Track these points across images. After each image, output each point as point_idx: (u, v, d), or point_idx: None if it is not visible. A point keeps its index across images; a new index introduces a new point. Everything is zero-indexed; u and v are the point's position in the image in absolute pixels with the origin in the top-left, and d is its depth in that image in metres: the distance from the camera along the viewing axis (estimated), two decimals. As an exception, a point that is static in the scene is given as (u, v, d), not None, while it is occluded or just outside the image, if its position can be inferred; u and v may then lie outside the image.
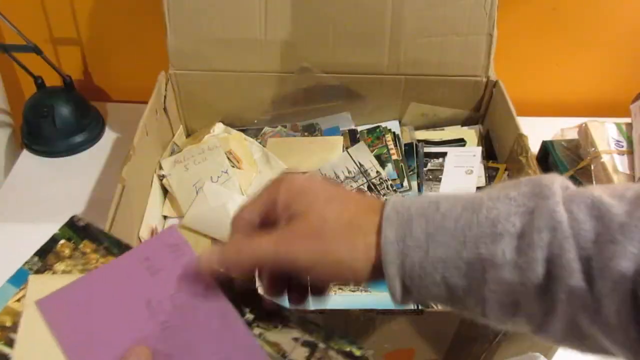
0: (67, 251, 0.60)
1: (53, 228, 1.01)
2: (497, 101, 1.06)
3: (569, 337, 0.45)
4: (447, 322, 0.71)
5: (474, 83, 1.08)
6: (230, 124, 1.15)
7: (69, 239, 0.61)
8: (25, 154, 1.20)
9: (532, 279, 0.43)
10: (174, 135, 1.10)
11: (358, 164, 0.92)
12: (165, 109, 1.05)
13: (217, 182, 1.00)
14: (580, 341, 0.45)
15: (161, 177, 1.01)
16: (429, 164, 1.05)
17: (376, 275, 0.48)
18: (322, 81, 1.09)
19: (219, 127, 1.12)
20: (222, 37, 1.05)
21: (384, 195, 0.95)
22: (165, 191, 1.03)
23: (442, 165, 1.05)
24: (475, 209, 0.46)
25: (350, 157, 0.94)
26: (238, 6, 1.03)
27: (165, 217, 1.00)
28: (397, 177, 1.00)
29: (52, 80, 1.21)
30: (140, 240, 0.91)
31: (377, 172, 0.90)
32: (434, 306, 0.85)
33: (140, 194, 0.94)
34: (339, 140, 1.10)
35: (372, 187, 0.93)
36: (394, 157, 1.03)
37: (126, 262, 0.56)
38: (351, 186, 0.91)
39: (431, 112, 1.14)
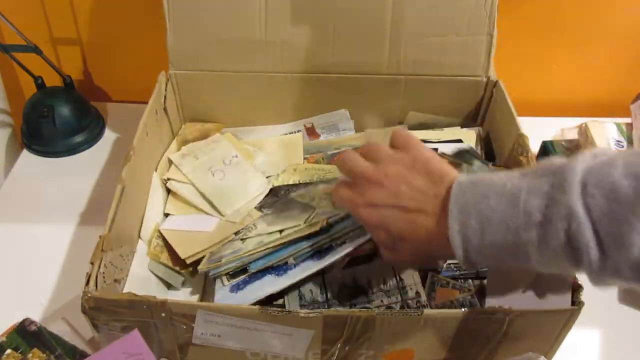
0: None
1: (53, 228, 1.03)
2: (497, 101, 1.06)
3: (600, 285, 0.58)
4: (447, 322, 0.71)
5: (474, 83, 1.08)
6: (230, 123, 1.16)
7: (16, 349, 0.56)
8: (25, 154, 1.20)
9: (558, 255, 0.57)
10: (174, 136, 1.10)
11: (398, 278, 0.89)
12: (165, 109, 1.05)
13: (230, 164, 1.02)
14: (608, 286, 0.58)
15: (165, 181, 1.01)
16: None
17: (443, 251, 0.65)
18: (322, 81, 1.09)
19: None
20: (222, 37, 1.05)
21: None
22: (167, 191, 1.02)
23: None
24: (515, 202, 0.58)
25: (392, 268, 0.87)
26: (238, 6, 1.03)
27: (166, 215, 1.00)
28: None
29: (52, 80, 1.21)
30: (141, 239, 0.91)
31: (417, 292, 0.84)
32: (432, 306, 0.86)
33: (140, 194, 0.94)
34: (298, 138, 1.12)
35: (405, 306, 0.88)
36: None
37: None
38: (381, 301, 0.87)
39: (430, 121, 1.14)
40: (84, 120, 1.21)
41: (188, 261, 0.89)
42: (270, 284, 0.85)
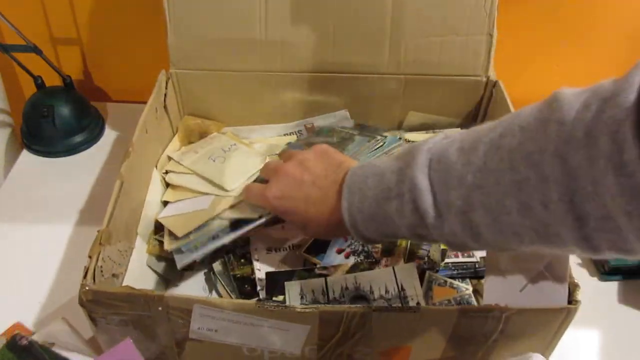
0: None
1: (52, 228, 1.02)
2: (497, 101, 1.06)
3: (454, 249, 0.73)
4: (444, 320, 0.71)
5: (474, 83, 1.08)
6: (230, 122, 1.16)
7: None
8: (25, 154, 1.20)
9: (414, 223, 0.65)
10: (174, 134, 1.10)
11: (400, 287, 0.90)
12: (165, 107, 1.05)
13: (229, 150, 1.05)
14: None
15: (164, 174, 1.02)
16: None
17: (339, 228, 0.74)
18: (322, 81, 1.09)
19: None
20: (222, 36, 1.05)
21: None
22: (166, 186, 1.03)
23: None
24: (381, 181, 0.68)
25: (394, 275, 0.90)
26: (238, 6, 1.03)
27: (165, 203, 1.00)
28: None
29: (52, 80, 1.21)
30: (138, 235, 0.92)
31: (418, 302, 0.85)
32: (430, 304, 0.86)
33: (140, 190, 0.94)
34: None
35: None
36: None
37: None
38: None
39: (430, 121, 1.14)
40: (84, 120, 1.22)
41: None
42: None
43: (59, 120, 1.17)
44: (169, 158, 1.05)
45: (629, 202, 0.47)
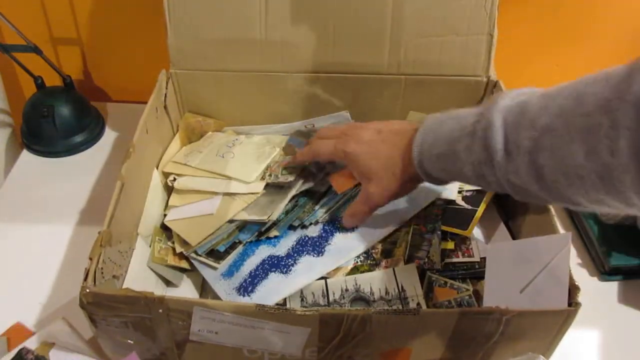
0: None
1: (52, 228, 1.03)
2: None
3: (517, 196, 0.72)
4: (444, 322, 0.71)
5: (474, 83, 1.08)
6: (230, 122, 1.16)
7: None
8: (25, 154, 1.20)
9: (480, 161, 0.70)
10: (174, 134, 1.10)
11: (400, 288, 0.91)
12: (165, 107, 1.05)
13: (234, 145, 1.07)
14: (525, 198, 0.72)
15: (172, 181, 1.02)
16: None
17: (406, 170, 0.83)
18: (322, 81, 1.09)
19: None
20: (222, 36, 1.05)
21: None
22: (168, 190, 1.03)
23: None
24: (459, 123, 0.74)
25: (395, 276, 0.90)
26: (238, 6, 1.03)
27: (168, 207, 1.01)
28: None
29: (52, 80, 1.21)
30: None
31: (418, 303, 0.86)
32: (430, 306, 0.86)
33: (140, 191, 0.94)
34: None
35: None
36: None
37: None
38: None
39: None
40: (84, 120, 1.22)
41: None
42: (278, 285, 0.87)
43: (59, 120, 1.17)
44: (174, 163, 1.04)
45: None
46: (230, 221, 0.93)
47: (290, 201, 0.97)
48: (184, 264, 0.92)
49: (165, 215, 0.99)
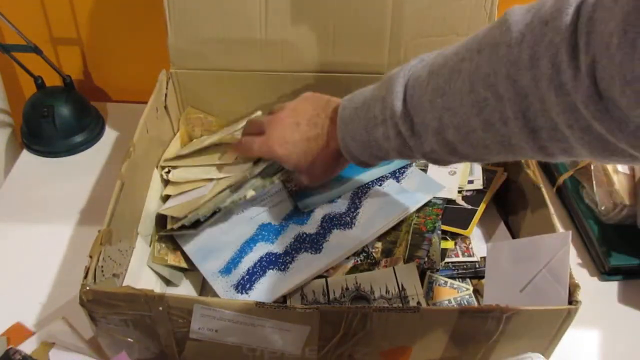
0: None
1: (53, 228, 1.03)
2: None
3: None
4: (444, 320, 0.71)
5: (474, 83, 1.08)
6: (230, 122, 1.16)
7: None
8: (25, 154, 1.20)
9: (400, 145, 0.73)
10: (175, 134, 1.10)
11: (400, 287, 0.92)
12: (166, 107, 1.05)
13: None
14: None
15: (167, 172, 1.02)
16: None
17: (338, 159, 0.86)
18: (322, 81, 1.09)
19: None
20: (222, 36, 1.05)
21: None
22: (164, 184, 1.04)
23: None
24: (368, 110, 0.75)
25: (395, 275, 0.90)
26: (238, 6, 1.03)
27: (166, 198, 1.02)
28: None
29: (52, 80, 1.21)
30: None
31: (418, 302, 0.86)
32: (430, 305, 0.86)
33: (140, 190, 0.94)
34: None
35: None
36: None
37: None
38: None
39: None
40: (84, 120, 1.22)
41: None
42: (276, 282, 0.88)
43: (59, 120, 1.17)
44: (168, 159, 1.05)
45: (569, 117, 0.53)
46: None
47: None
48: (183, 264, 0.92)
49: (167, 196, 1.01)
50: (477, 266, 0.91)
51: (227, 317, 0.70)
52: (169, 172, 1.02)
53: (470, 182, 1.02)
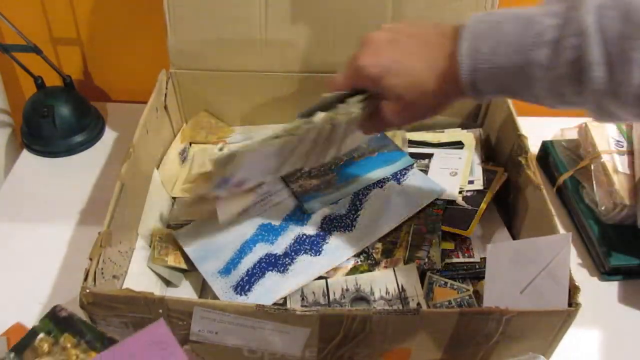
0: (45, 346, 0.57)
1: (52, 228, 1.02)
2: (497, 101, 1.06)
3: (601, 116, 0.61)
4: (444, 322, 0.71)
5: (474, 83, 1.08)
6: (230, 122, 1.16)
7: (48, 332, 0.58)
8: (25, 154, 1.20)
9: (564, 76, 0.58)
10: (174, 134, 1.10)
11: (400, 288, 0.90)
12: (166, 107, 1.05)
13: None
14: (609, 118, 0.61)
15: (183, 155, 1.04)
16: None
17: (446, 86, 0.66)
18: (322, 81, 1.09)
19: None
20: (222, 36, 1.05)
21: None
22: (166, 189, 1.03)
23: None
24: (528, 25, 0.59)
25: (395, 276, 0.90)
26: (238, 6, 1.03)
27: (174, 199, 1.03)
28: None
29: (52, 80, 1.21)
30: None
31: (419, 303, 0.85)
32: (430, 306, 0.86)
33: (140, 191, 0.94)
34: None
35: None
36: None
37: (110, 359, 0.54)
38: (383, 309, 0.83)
39: (430, 121, 1.13)
40: (84, 120, 1.21)
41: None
42: (275, 284, 0.87)
43: (59, 120, 1.17)
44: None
45: None
46: None
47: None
48: (183, 265, 0.92)
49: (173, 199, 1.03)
50: (477, 267, 0.91)
51: (227, 320, 0.70)
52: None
53: (471, 182, 1.02)
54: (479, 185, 1.01)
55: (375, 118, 0.77)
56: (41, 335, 0.58)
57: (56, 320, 0.59)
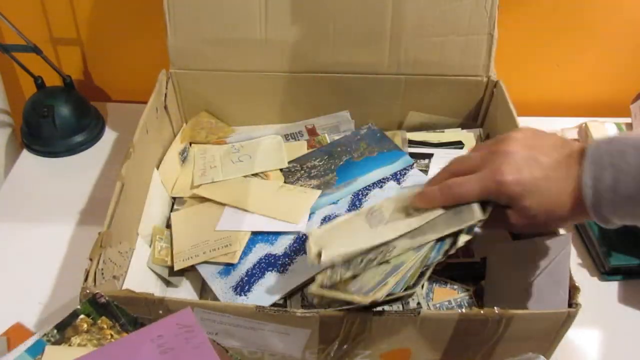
0: (85, 326, 0.63)
1: (53, 228, 1.02)
2: (497, 101, 1.06)
3: None
4: (444, 323, 0.71)
5: (474, 83, 1.08)
6: (230, 122, 1.16)
7: (88, 315, 0.64)
8: (25, 154, 1.20)
9: None
10: (175, 134, 1.10)
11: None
12: (166, 107, 1.05)
13: (238, 150, 1.11)
14: None
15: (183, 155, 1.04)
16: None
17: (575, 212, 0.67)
18: (322, 81, 1.09)
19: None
20: (222, 36, 1.05)
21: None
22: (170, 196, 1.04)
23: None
24: None
25: None
26: (238, 6, 1.03)
27: (174, 199, 1.03)
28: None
29: (52, 80, 1.21)
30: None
31: (418, 303, 0.85)
32: (430, 306, 0.86)
33: (140, 191, 0.94)
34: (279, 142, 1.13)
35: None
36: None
37: (138, 339, 0.58)
38: (383, 309, 0.76)
39: (430, 120, 1.14)
40: (84, 120, 1.21)
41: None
42: (274, 285, 0.87)
43: (59, 120, 1.17)
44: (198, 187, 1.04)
45: None
46: None
47: None
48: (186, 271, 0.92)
49: (173, 199, 1.03)
50: (477, 267, 0.91)
51: (227, 321, 0.70)
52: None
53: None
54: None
55: (495, 221, 0.74)
56: (82, 316, 0.63)
57: (96, 305, 0.65)
